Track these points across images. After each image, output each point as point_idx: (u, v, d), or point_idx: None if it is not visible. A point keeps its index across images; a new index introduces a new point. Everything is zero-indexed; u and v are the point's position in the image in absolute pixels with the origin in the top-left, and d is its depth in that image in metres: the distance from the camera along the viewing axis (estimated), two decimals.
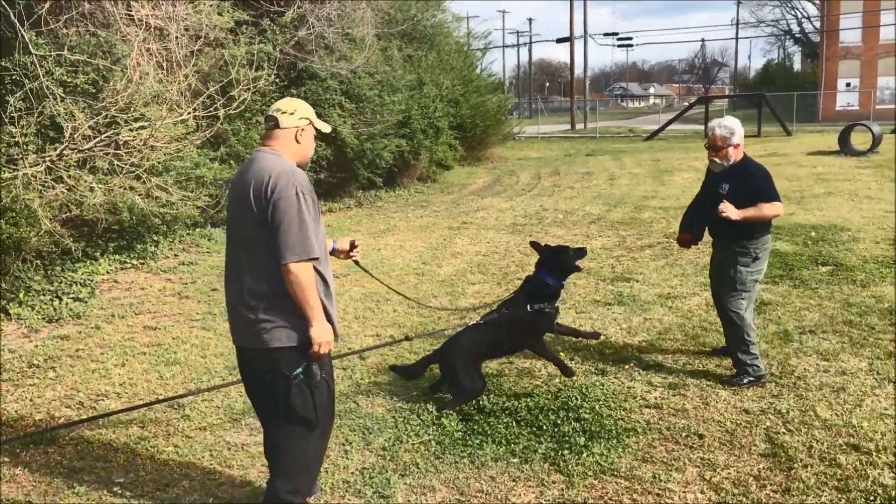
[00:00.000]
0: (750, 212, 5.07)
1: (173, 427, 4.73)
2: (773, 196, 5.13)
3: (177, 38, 9.51)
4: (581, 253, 5.37)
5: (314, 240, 3.11)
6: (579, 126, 48.11)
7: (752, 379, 5.20)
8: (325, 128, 3.50)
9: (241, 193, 3.17)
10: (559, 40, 52.23)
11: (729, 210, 5.02)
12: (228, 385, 5.28)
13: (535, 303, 5.08)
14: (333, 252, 3.84)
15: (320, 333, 3.15)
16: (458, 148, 20.87)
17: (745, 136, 5.58)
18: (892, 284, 7.52)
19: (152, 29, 9.17)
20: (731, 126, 5.22)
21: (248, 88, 9.09)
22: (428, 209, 14.65)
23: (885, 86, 47.18)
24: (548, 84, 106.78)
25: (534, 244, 5.42)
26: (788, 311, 6.82)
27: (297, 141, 3.34)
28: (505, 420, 4.73)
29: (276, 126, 3.33)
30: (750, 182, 5.16)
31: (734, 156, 5.23)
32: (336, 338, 3.32)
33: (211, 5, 10.09)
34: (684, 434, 4.51)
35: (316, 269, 3.19)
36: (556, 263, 5.21)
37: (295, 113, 3.33)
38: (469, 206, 14.91)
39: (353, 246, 3.89)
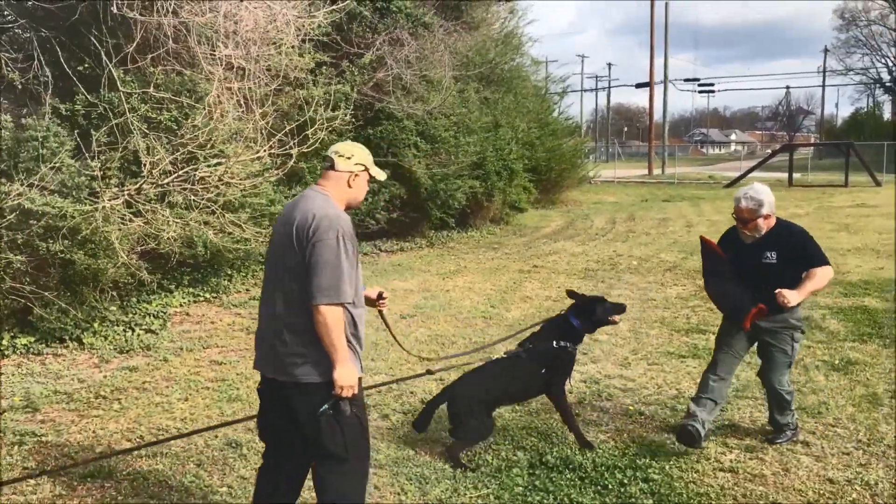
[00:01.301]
0: (809, 288, 4.72)
1: (229, 467, 4.67)
2: (824, 259, 4.80)
3: (260, 77, 9.73)
4: (619, 308, 5.25)
5: (347, 284, 3.17)
6: (657, 171, 47.42)
7: (792, 432, 5.04)
8: (381, 175, 3.55)
9: (286, 230, 3.26)
10: (638, 85, 51.93)
11: (791, 297, 4.57)
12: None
13: (560, 339, 4.98)
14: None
15: (343, 376, 3.18)
16: (532, 190, 20.75)
17: (833, 186, 5.28)
18: None
19: (235, 69, 9.40)
20: (758, 198, 4.78)
21: (324, 128, 9.19)
22: (499, 251, 14.53)
23: None
24: (626, 129, 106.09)
25: (571, 293, 5.26)
26: (878, 373, 6.40)
27: (350, 185, 3.41)
28: (568, 476, 4.51)
29: (332, 167, 3.41)
30: (801, 247, 4.81)
31: (765, 226, 4.83)
32: (360, 374, 3.36)
33: (293, 47, 10.30)
34: (761, 502, 4.20)
35: (349, 311, 3.25)
36: (590, 311, 5.10)
37: (352, 158, 3.40)
38: (541, 249, 14.72)
39: (380, 297, 3.86)
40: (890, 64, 64.78)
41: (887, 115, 69.90)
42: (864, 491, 4.31)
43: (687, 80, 57.25)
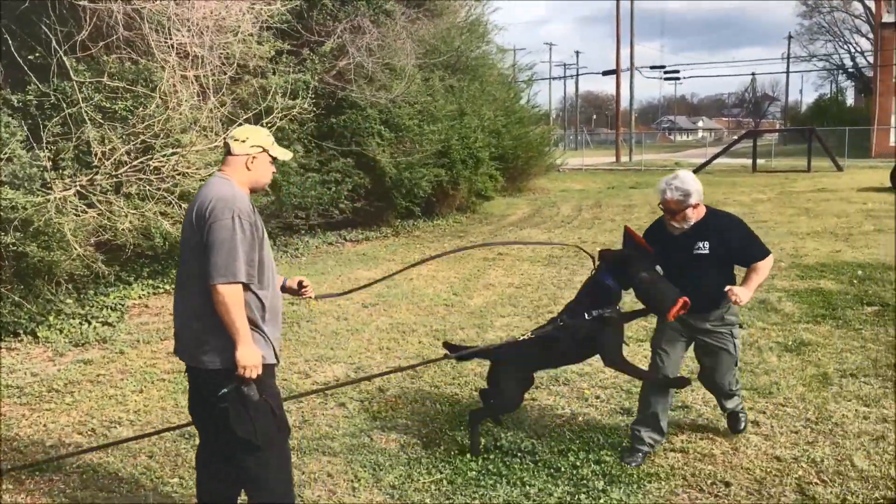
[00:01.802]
0: (756, 282, 4.45)
1: (182, 457, 4.64)
2: (765, 250, 4.52)
3: (218, 66, 9.62)
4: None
5: (243, 263, 3.17)
6: (624, 159, 47.72)
7: (745, 415, 5.01)
8: (284, 155, 3.56)
9: (189, 215, 3.33)
10: (605, 73, 51.98)
11: (743, 296, 4.30)
12: None
13: (592, 309, 4.42)
14: (284, 289, 3.75)
15: (245, 356, 3.17)
16: (498, 178, 20.75)
17: (795, 171, 5.08)
18: None
19: (192, 57, 9.28)
20: (684, 187, 4.38)
21: (282, 117, 9.12)
22: (464, 239, 14.54)
23: None
24: (594, 116, 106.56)
25: (601, 253, 4.65)
26: (829, 353, 6.51)
27: (248, 168, 3.40)
28: (522, 460, 4.54)
29: (230, 152, 3.42)
30: (738, 238, 4.49)
31: (694, 215, 4.43)
32: (278, 361, 3.42)
33: (251, 34, 10.19)
34: (710, 482, 4.27)
35: (253, 293, 3.27)
36: (623, 266, 4.47)
37: (247, 141, 3.40)
38: (506, 236, 14.76)
39: (301, 285, 3.80)
40: (852, 50, 65.75)
41: (850, 100, 71.01)
42: (810, 468, 4.39)
43: (653, 67, 57.42)
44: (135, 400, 5.66)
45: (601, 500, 4.05)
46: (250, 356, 3.18)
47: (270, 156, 3.47)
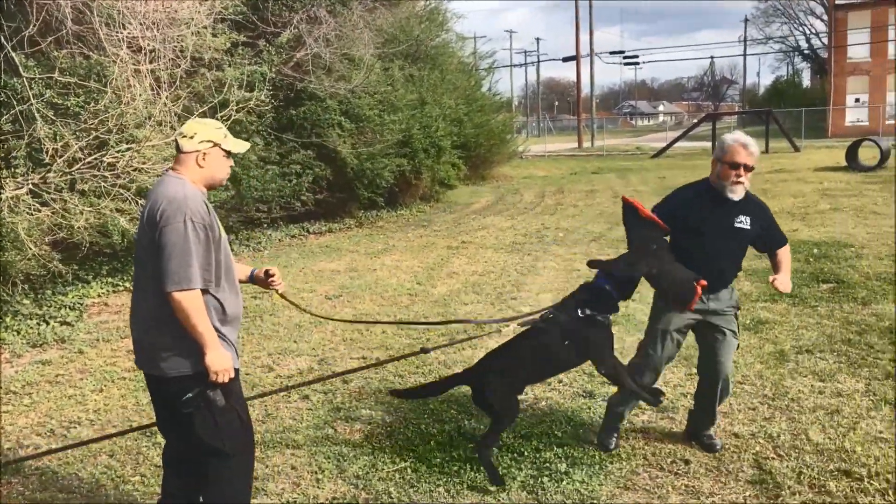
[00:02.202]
0: (789, 268, 4.30)
1: (143, 455, 4.60)
2: (784, 235, 4.43)
3: (172, 59, 9.48)
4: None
5: (198, 269, 3.03)
6: (587, 144, 48.02)
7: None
8: (239, 147, 3.35)
9: (141, 218, 3.19)
10: (566, 59, 52.23)
11: (787, 285, 4.14)
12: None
13: (586, 308, 4.07)
14: (253, 279, 3.66)
15: (215, 361, 3.07)
16: (461, 167, 20.78)
17: None
18: (894, 302, 7.33)
19: (145, 51, 9.13)
20: (756, 149, 4.16)
21: (239, 109, 9.02)
22: (428, 228, 14.54)
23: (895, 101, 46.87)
24: (556, 103, 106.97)
25: (591, 264, 4.26)
26: (786, 330, 6.64)
27: (200, 165, 3.23)
28: None
29: (179, 150, 3.25)
30: (769, 219, 4.33)
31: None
32: (236, 365, 3.24)
33: (205, 27, 10.06)
34: (670, 460, 4.34)
35: (212, 295, 3.15)
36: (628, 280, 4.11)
37: (195, 136, 3.21)
38: (470, 225, 14.79)
39: (268, 274, 3.65)
40: (807, 32, 66.77)
41: (806, 82, 72.09)
42: (767, 443, 4.48)
43: (613, 52, 57.83)
44: (94, 399, 5.58)
45: (564, 482, 4.09)
46: (220, 360, 3.08)
47: (224, 150, 3.28)
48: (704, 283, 3.91)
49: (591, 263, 4.23)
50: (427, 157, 17.71)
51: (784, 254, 4.36)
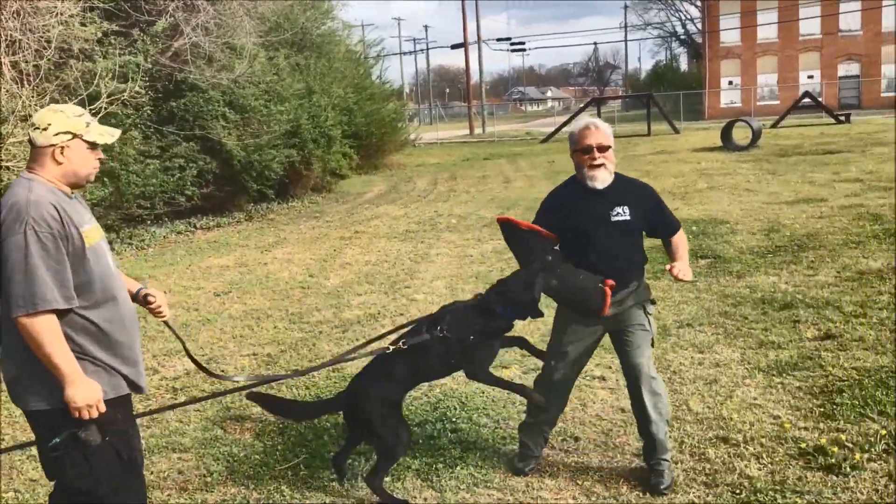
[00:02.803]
0: (686, 254, 3.93)
1: (16, 470, 4.35)
2: (678, 221, 4.03)
3: (36, 50, 8.96)
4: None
5: (48, 287, 2.58)
6: (478, 130, 48.53)
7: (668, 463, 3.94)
8: (106, 137, 2.87)
9: None
10: (454, 46, 52.56)
11: (687, 272, 3.72)
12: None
13: (473, 333, 3.73)
14: (135, 300, 3.13)
15: (77, 396, 2.62)
16: (352, 156, 20.64)
17: (637, 136, 4.52)
18: (766, 274, 7.72)
19: (6, 42, 8.60)
20: (606, 129, 3.82)
21: (112, 101, 8.63)
22: (321, 220, 14.37)
23: (765, 83, 49.51)
24: (448, 90, 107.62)
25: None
26: (668, 306, 6.89)
27: (57, 161, 2.76)
28: None
29: (32, 144, 2.79)
30: (655, 203, 3.93)
31: (612, 166, 3.81)
32: (138, 388, 2.87)
33: (72, 16, 9.56)
34: (560, 438, 4.43)
35: (80, 315, 2.71)
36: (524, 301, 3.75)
37: (49, 128, 2.75)
38: (363, 214, 14.70)
39: (146, 298, 3.14)
40: (683, 17, 69.59)
41: (684, 66, 75.16)
42: None
43: (500, 39, 58.61)
44: None
45: (457, 468, 4.11)
46: (83, 394, 2.63)
47: (86, 141, 2.79)
48: (612, 282, 3.61)
49: (487, 299, 3.83)
50: (317, 147, 17.50)
51: (679, 240, 3.95)
